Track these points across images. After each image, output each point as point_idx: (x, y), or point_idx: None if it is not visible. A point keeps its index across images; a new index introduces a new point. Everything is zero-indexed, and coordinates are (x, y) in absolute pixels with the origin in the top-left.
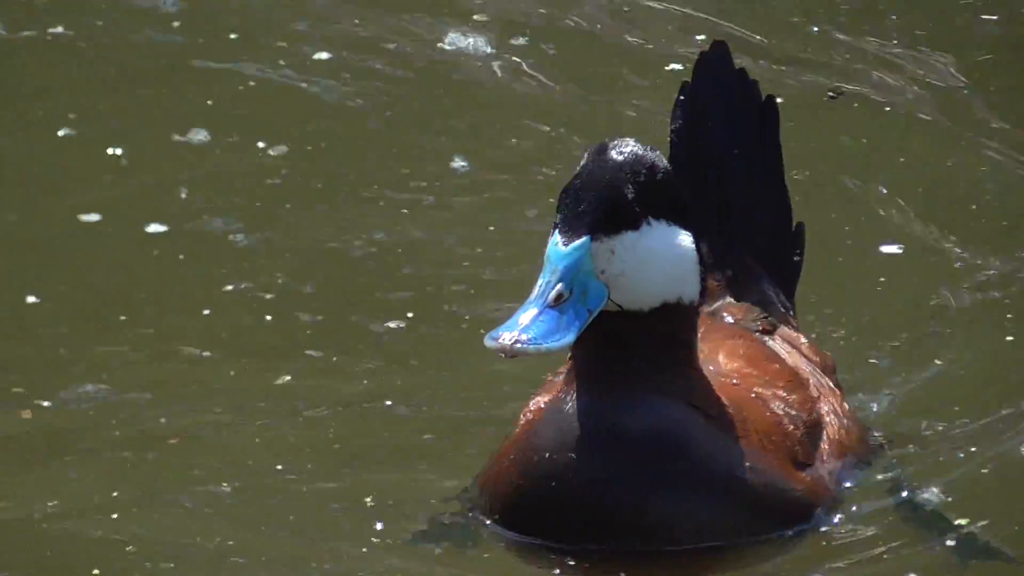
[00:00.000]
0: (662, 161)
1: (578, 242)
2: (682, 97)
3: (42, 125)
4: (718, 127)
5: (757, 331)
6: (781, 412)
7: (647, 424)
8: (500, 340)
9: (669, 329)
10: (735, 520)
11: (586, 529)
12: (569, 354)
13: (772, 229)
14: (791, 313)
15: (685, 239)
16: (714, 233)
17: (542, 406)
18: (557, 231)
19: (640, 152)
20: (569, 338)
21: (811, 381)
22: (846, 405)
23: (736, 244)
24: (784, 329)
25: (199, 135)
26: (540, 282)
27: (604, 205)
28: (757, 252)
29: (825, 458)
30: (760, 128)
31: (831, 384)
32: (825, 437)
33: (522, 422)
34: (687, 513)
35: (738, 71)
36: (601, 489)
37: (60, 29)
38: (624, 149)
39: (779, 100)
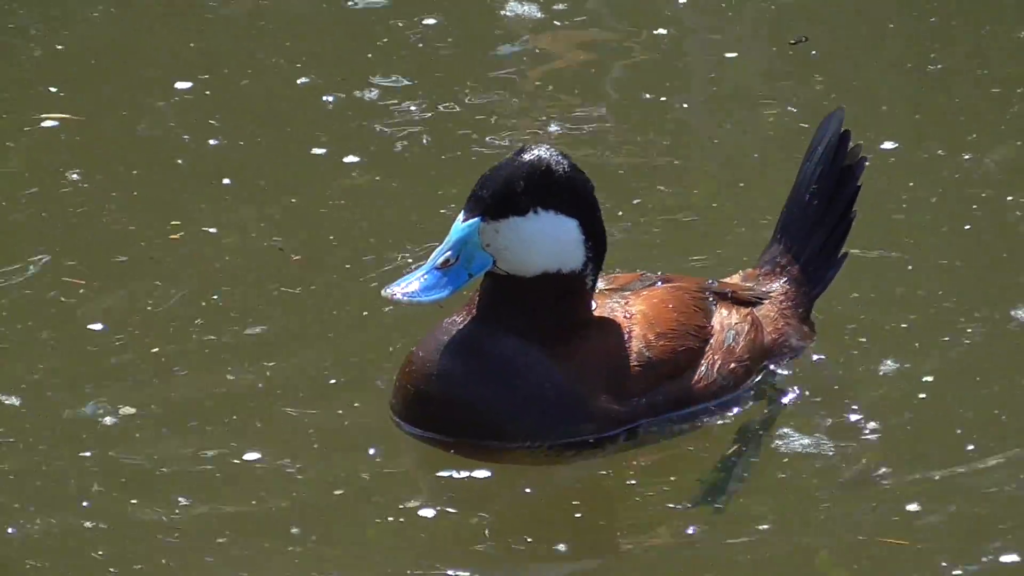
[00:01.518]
0: (562, 164)
1: (471, 221)
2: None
3: None
4: (811, 166)
5: (722, 295)
6: (635, 350)
7: (495, 348)
8: (389, 291)
9: (550, 290)
10: (530, 424)
11: (444, 421)
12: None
13: (820, 250)
14: (800, 310)
15: (571, 226)
16: (777, 240)
17: (443, 322)
18: (463, 210)
19: (543, 155)
20: (442, 295)
21: (711, 340)
22: (737, 369)
23: (785, 252)
24: (764, 308)
25: None
26: (438, 249)
27: (496, 195)
28: (801, 262)
29: (652, 395)
30: (840, 175)
31: (740, 352)
32: (678, 382)
33: None
34: (510, 415)
35: (843, 132)
36: (438, 384)
37: None
38: (533, 151)
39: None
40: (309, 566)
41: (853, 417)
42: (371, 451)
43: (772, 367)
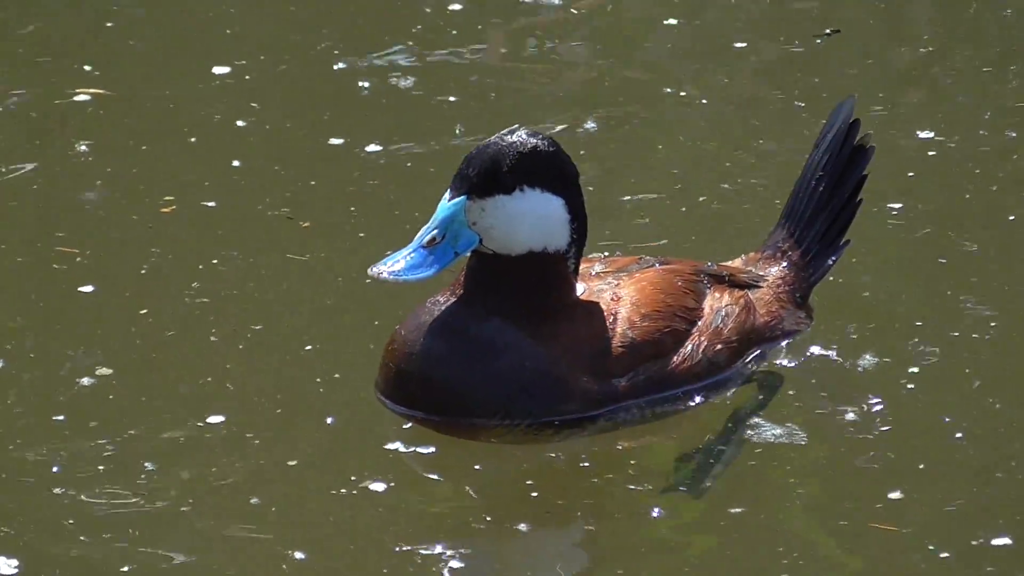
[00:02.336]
0: (547, 144)
1: (457, 199)
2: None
3: None
4: (819, 153)
5: (718, 277)
6: (619, 331)
7: (477, 329)
8: (375, 270)
9: (534, 269)
10: (522, 402)
11: (425, 400)
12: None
13: (822, 236)
14: (798, 295)
15: (556, 204)
16: (782, 225)
17: (424, 303)
18: (449, 188)
19: (527, 136)
20: (428, 273)
21: (699, 322)
22: (723, 350)
23: (788, 237)
24: (759, 292)
25: None
26: (424, 228)
27: (482, 173)
28: (803, 247)
29: (634, 376)
30: (848, 163)
31: (727, 333)
32: (661, 363)
33: None
34: (488, 393)
35: (853, 121)
36: (417, 363)
37: None
38: (518, 133)
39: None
40: (269, 538)
41: (838, 407)
42: (329, 420)
43: (765, 351)
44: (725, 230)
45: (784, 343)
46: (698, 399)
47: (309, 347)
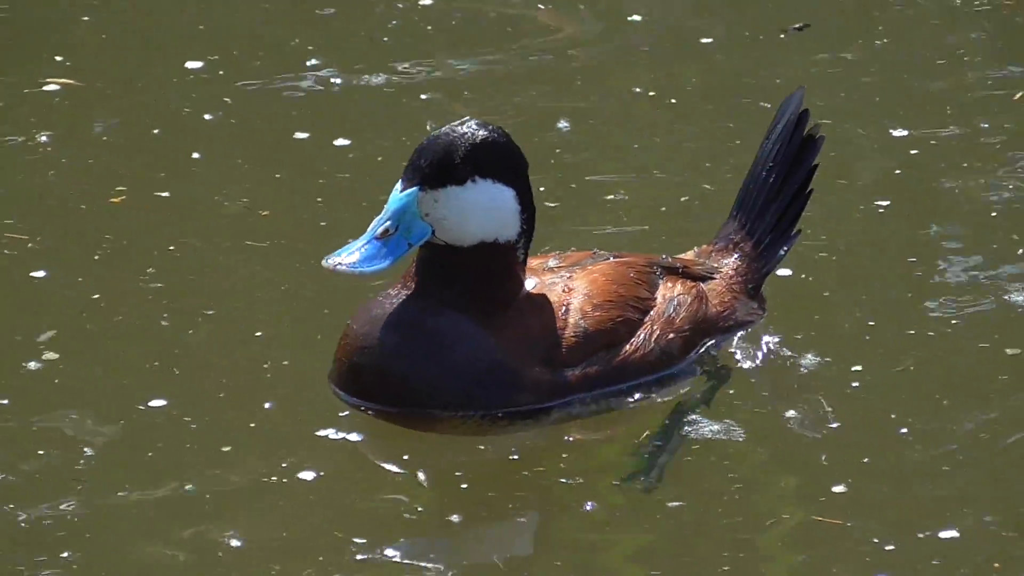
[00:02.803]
0: (498, 135)
1: (409, 191)
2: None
3: None
4: (769, 144)
5: (671, 269)
6: (571, 321)
7: (430, 321)
8: (329, 262)
9: (485, 260)
10: (475, 393)
11: (379, 392)
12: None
13: (773, 227)
14: (750, 286)
15: (507, 195)
16: (733, 217)
17: (376, 297)
18: (401, 180)
19: (478, 127)
20: (383, 265)
21: (650, 313)
22: (675, 340)
23: (740, 228)
24: (712, 283)
25: None
26: (376, 219)
27: (435, 164)
28: (755, 238)
29: (587, 366)
30: (798, 156)
31: (679, 323)
32: (614, 353)
33: None
34: (441, 384)
35: (803, 112)
36: (371, 356)
37: None
38: (469, 123)
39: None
40: (199, 525)
41: (782, 403)
42: (267, 405)
43: (718, 342)
44: (701, 225)
45: (738, 334)
46: (651, 391)
47: (260, 332)
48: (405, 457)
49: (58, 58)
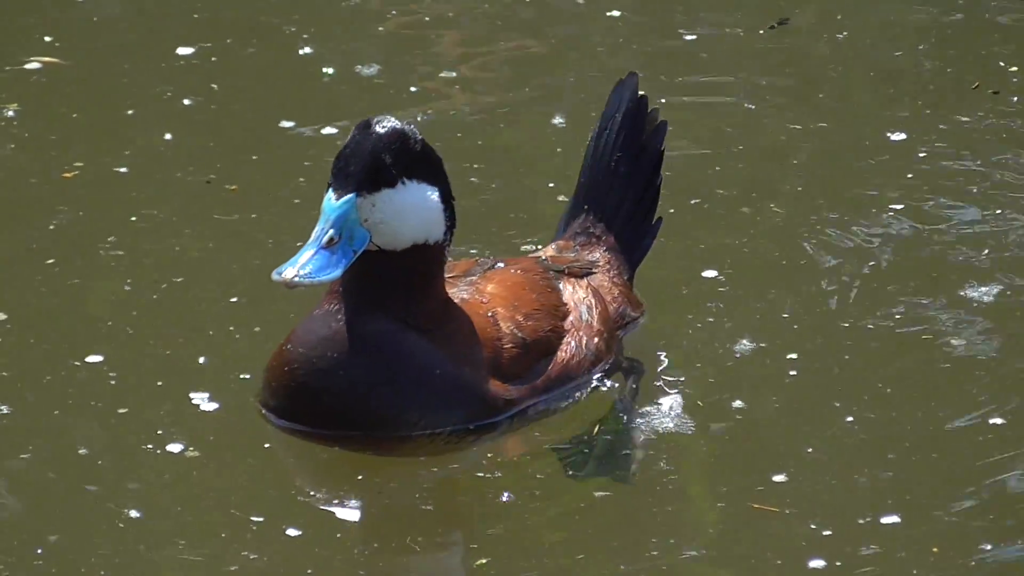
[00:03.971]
0: (415, 134)
1: (346, 197)
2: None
3: None
4: (612, 136)
5: (559, 271)
6: (507, 331)
7: (377, 336)
8: (283, 275)
9: (417, 263)
10: (428, 412)
11: (336, 416)
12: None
13: (631, 217)
14: (625, 277)
15: (433, 194)
16: (584, 210)
17: (313, 314)
18: (331, 188)
19: (397, 126)
20: (337, 272)
21: (570, 317)
22: (599, 343)
23: (597, 221)
24: (596, 279)
25: None
26: (317, 229)
27: (367, 168)
28: (615, 230)
29: (531, 375)
30: (643, 143)
31: (597, 325)
32: (551, 360)
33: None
34: (406, 404)
35: (640, 98)
36: (329, 379)
37: None
38: (385, 124)
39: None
40: (101, 493)
41: (714, 394)
42: (202, 360)
43: (620, 337)
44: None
45: (632, 330)
46: (584, 392)
47: (235, 299)
48: (360, 477)
49: (48, 38)
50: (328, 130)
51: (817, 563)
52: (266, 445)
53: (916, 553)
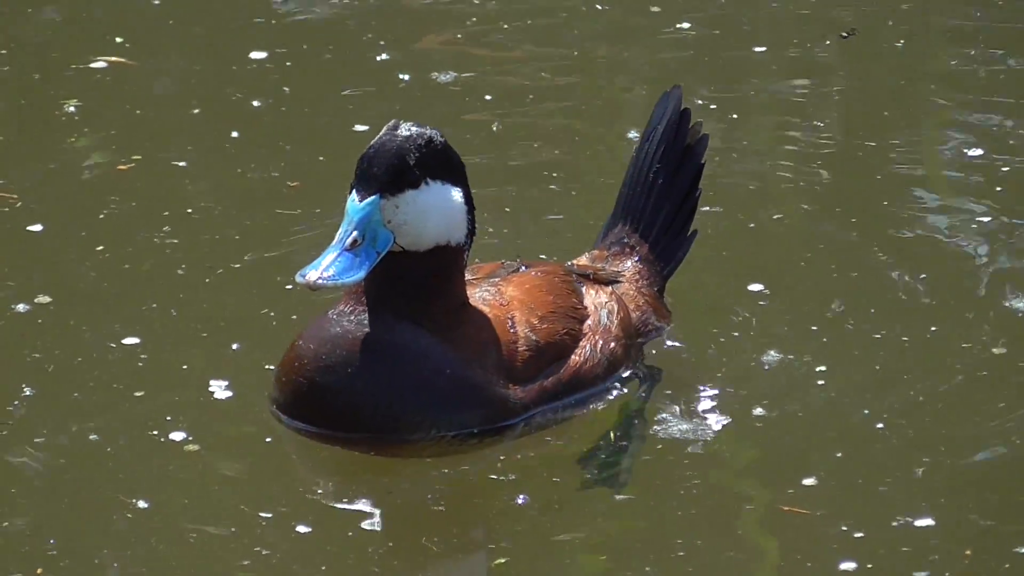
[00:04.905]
0: (438, 136)
1: (370, 199)
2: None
3: None
4: (651, 145)
5: (584, 275)
6: (521, 334)
7: (390, 337)
8: (307, 277)
9: (438, 265)
10: (433, 414)
11: (344, 417)
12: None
13: (667, 228)
14: (655, 288)
15: (456, 195)
16: (622, 220)
17: (327, 313)
18: (354, 190)
19: (420, 129)
20: (360, 275)
21: (588, 321)
22: (616, 348)
23: (632, 232)
24: (622, 287)
25: None
26: (340, 231)
27: (391, 170)
28: (650, 241)
29: (543, 378)
30: (683, 155)
31: (616, 330)
32: (565, 364)
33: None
34: (412, 406)
35: (683, 111)
36: (336, 377)
37: None
38: (409, 127)
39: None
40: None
41: (740, 401)
42: (235, 345)
43: (642, 346)
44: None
45: (654, 337)
46: (599, 399)
47: (289, 287)
48: (369, 477)
49: (119, 39)
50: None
51: (849, 565)
52: (267, 439)
53: (949, 556)
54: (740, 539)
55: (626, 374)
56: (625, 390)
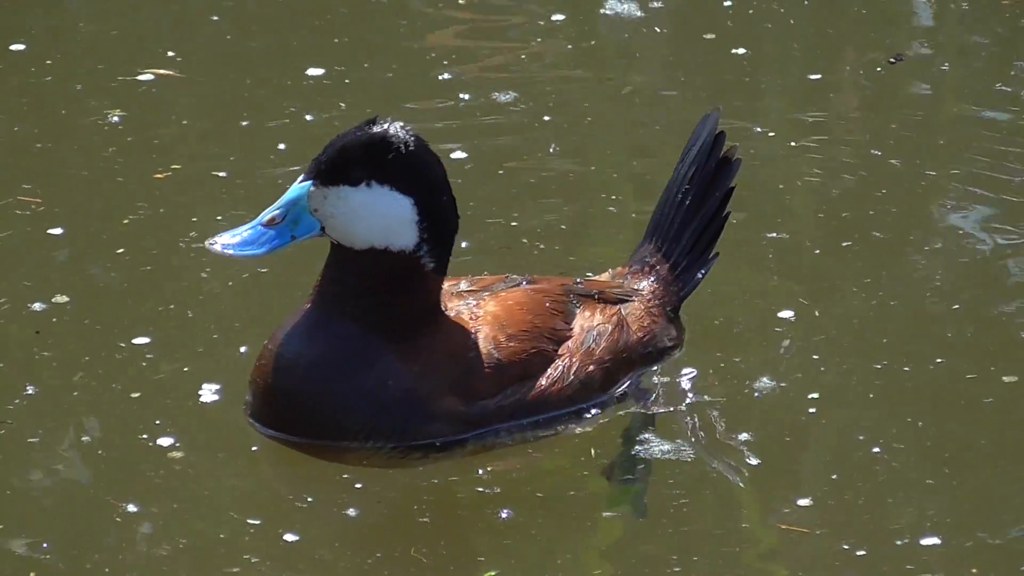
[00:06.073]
0: (407, 142)
1: (303, 184)
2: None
3: None
4: (684, 167)
5: (587, 295)
6: (484, 351)
7: (334, 338)
8: (216, 241)
9: (391, 271)
10: (371, 422)
11: (287, 420)
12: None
13: (690, 249)
14: (667, 309)
15: (403, 203)
16: (650, 240)
17: (296, 311)
18: (304, 171)
19: (390, 130)
20: (260, 251)
21: (568, 343)
22: (595, 371)
23: (656, 251)
24: (630, 306)
25: None
26: (270, 207)
27: (331, 162)
28: (671, 261)
29: (502, 398)
30: (714, 178)
31: (600, 354)
32: (530, 385)
33: None
34: (348, 411)
35: (718, 134)
36: (285, 379)
37: None
38: (382, 125)
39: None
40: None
41: (734, 425)
42: (243, 349)
43: (642, 370)
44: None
45: (660, 360)
46: (570, 422)
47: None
48: (359, 486)
49: (170, 53)
50: (457, 154)
51: None
52: (253, 448)
53: (954, 574)
54: (736, 556)
55: (610, 398)
56: (606, 416)
